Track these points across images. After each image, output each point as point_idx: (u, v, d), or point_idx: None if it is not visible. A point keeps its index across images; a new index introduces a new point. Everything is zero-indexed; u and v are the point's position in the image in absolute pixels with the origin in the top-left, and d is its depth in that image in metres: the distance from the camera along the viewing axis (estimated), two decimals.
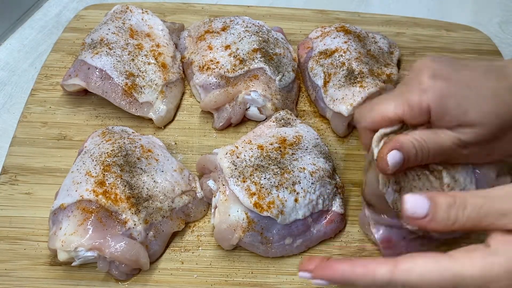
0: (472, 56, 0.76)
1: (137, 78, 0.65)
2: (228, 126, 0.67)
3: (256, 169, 0.54)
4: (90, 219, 0.51)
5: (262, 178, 0.53)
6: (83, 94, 0.69)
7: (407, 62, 0.76)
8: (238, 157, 0.55)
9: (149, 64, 0.67)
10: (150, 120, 0.66)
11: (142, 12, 0.74)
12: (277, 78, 0.65)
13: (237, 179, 0.53)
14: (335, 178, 0.58)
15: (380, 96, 0.52)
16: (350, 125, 0.66)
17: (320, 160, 0.57)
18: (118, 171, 0.54)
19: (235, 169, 0.54)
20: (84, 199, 0.52)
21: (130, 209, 0.52)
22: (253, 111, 0.66)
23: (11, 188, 0.60)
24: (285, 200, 0.53)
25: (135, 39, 0.70)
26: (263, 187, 0.53)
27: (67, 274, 0.54)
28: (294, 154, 0.57)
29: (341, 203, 0.57)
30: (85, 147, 0.59)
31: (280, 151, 0.57)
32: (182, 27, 0.77)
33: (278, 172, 0.54)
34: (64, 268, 0.54)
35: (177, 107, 0.69)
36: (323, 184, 0.56)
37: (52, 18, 0.87)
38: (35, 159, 0.63)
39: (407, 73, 0.50)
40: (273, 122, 0.62)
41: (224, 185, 0.54)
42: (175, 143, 0.66)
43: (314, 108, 0.70)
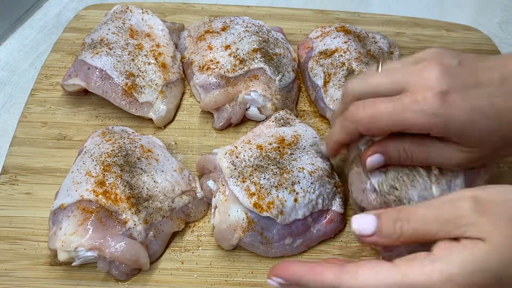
0: None
1: (137, 78, 0.65)
2: (228, 126, 0.67)
3: (255, 169, 0.54)
4: (90, 219, 0.51)
5: (262, 178, 0.53)
6: (83, 94, 0.69)
7: None
8: (237, 157, 0.55)
9: (149, 64, 0.67)
10: (150, 120, 0.66)
11: (142, 12, 0.74)
12: (277, 78, 0.65)
13: (237, 179, 0.53)
14: (335, 178, 0.58)
15: (374, 71, 0.49)
16: None
17: (319, 160, 0.57)
18: (118, 171, 0.54)
19: (235, 169, 0.54)
20: (84, 199, 0.52)
21: (130, 209, 0.52)
22: (253, 111, 0.66)
23: (11, 188, 0.60)
24: (285, 200, 0.53)
25: (135, 39, 0.70)
26: (262, 187, 0.53)
27: (67, 274, 0.54)
28: (293, 154, 0.57)
29: (341, 202, 0.57)
30: (85, 147, 0.59)
31: (279, 151, 0.57)
32: (182, 27, 0.77)
33: (278, 172, 0.54)
34: (64, 268, 0.54)
35: (177, 107, 0.69)
36: (322, 184, 0.56)
37: (52, 18, 0.87)
38: (35, 159, 0.63)
39: (412, 60, 0.47)
40: (273, 122, 0.62)
41: (223, 185, 0.54)
42: (175, 143, 0.66)
43: (314, 108, 0.70)
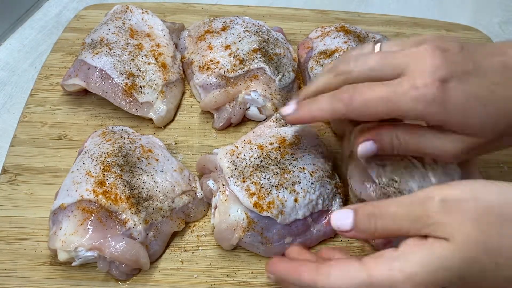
0: None
1: (137, 78, 0.65)
2: (228, 126, 0.67)
3: (256, 169, 0.54)
4: (90, 219, 0.51)
5: (262, 178, 0.53)
6: (83, 94, 0.69)
7: None
8: (238, 157, 0.55)
9: (149, 64, 0.67)
10: (150, 120, 0.66)
11: (142, 12, 0.74)
12: (277, 78, 0.65)
13: (237, 179, 0.53)
14: (335, 178, 0.58)
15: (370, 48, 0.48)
16: None
17: (320, 160, 0.57)
18: (118, 171, 0.54)
19: (235, 169, 0.54)
20: (84, 199, 0.52)
21: (130, 209, 0.52)
22: (253, 111, 0.66)
23: (11, 188, 0.60)
24: (285, 200, 0.53)
25: (135, 39, 0.70)
26: (263, 187, 0.53)
27: (67, 274, 0.54)
28: (294, 154, 0.57)
29: (341, 203, 0.57)
30: (85, 147, 0.59)
31: (280, 151, 0.57)
32: (182, 27, 0.77)
33: (278, 172, 0.54)
34: (64, 268, 0.54)
35: (177, 107, 0.69)
36: (323, 184, 0.56)
37: (52, 18, 0.87)
38: (35, 159, 0.63)
39: (412, 42, 0.46)
40: (273, 122, 0.62)
41: (224, 185, 0.54)
42: (175, 143, 0.66)
43: None
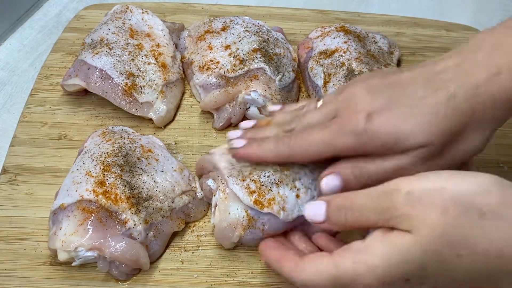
0: None
1: (137, 78, 0.65)
2: (228, 126, 0.67)
3: (255, 168, 0.54)
4: (90, 219, 0.51)
5: (262, 176, 0.53)
6: (83, 94, 0.69)
7: (407, 62, 0.76)
8: None
9: (149, 64, 0.67)
10: (150, 120, 0.66)
11: (142, 12, 0.74)
12: (277, 78, 0.65)
13: (236, 178, 0.53)
14: None
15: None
16: None
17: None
18: (118, 171, 0.54)
19: (233, 168, 0.54)
20: (84, 199, 0.52)
21: (130, 209, 0.52)
22: (253, 111, 0.66)
23: (11, 188, 0.60)
24: (286, 197, 0.53)
25: (135, 39, 0.70)
26: (263, 185, 0.53)
27: (67, 274, 0.54)
28: None
29: None
30: (85, 147, 0.59)
31: None
32: (182, 27, 0.77)
33: (278, 170, 0.54)
34: (64, 268, 0.54)
35: (177, 107, 0.69)
36: None
37: (52, 18, 0.87)
38: (35, 159, 0.63)
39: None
40: None
41: (223, 183, 0.54)
42: (175, 143, 0.66)
43: None
